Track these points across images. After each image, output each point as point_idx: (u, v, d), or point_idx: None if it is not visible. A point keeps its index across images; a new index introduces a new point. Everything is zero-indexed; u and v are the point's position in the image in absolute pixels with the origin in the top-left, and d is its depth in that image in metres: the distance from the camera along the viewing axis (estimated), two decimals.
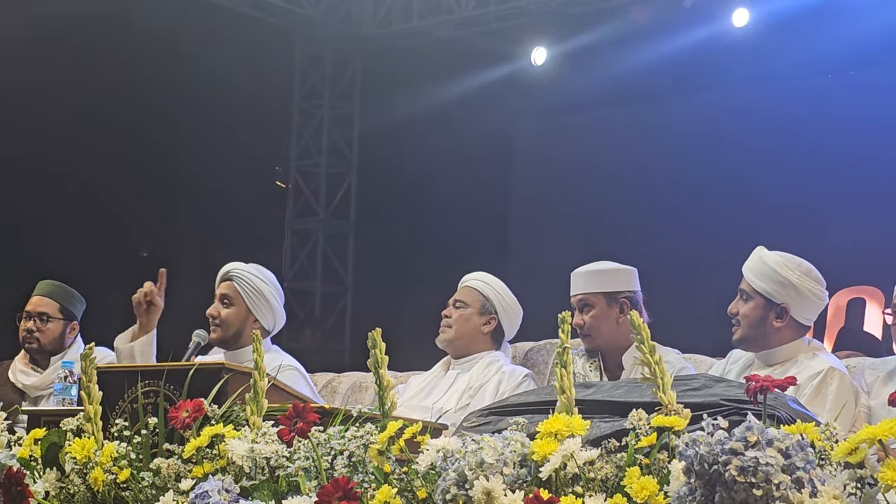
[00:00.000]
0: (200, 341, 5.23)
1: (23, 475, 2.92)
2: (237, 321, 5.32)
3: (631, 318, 2.62)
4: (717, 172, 9.91)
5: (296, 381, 5.11)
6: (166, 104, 10.97)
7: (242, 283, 5.35)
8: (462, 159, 11.33)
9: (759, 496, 2.14)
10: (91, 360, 3.13)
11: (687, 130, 10.12)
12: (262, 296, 5.34)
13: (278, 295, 5.41)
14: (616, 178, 10.41)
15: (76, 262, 9.74)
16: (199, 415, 2.95)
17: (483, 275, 5.38)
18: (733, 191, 9.84)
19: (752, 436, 2.18)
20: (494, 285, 5.31)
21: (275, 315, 5.38)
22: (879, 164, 9.23)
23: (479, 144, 11.39)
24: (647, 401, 2.68)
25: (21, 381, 5.79)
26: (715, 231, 9.57)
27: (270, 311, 5.36)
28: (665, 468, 2.41)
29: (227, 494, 2.65)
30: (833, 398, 4.22)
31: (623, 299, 4.99)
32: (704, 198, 9.91)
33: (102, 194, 10.88)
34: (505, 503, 2.43)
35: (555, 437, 2.51)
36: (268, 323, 5.36)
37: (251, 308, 5.33)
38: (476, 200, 11.57)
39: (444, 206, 11.58)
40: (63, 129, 10.54)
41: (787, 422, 2.58)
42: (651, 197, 10.26)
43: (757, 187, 9.79)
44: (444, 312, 5.31)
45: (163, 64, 10.61)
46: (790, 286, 4.49)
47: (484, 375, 5.11)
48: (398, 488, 2.62)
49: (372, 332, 2.86)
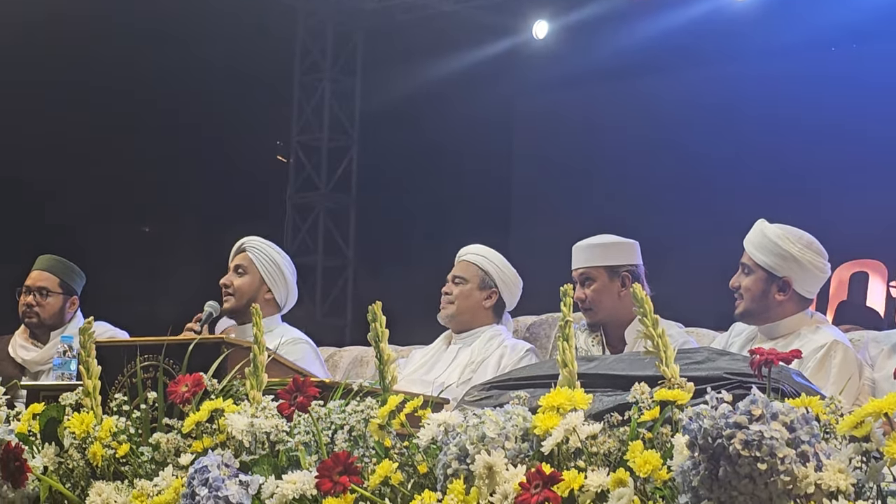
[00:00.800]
0: (213, 311, 5.22)
1: (21, 450, 2.90)
2: (250, 290, 5.30)
3: (634, 292, 2.60)
4: (720, 145, 9.88)
5: (307, 356, 5.10)
6: (167, 79, 10.93)
7: (257, 252, 5.34)
8: (463, 133, 11.30)
9: (763, 470, 2.12)
10: (90, 334, 3.11)
11: (689, 103, 10.08)
12: (277, 266, 5.33)
13: (291, 269, 5.40)
14: (618, 151, 10.38)
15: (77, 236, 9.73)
16: (199, 389, 2.93)
17: (480, 248, 5.34)
18: (736, 164, 9.81)
19: (756, 409, 2.16)
20: (493, 258, 5.28)
21: (288, 288, 5.36)
22: (884, 138, 9.19)
23: (480, 118, 11.36)
24: (649, 374, 2.66)
25: (21, 356, 5.78)
26: (717, 204, 9.54)
27: (284, 284, 5.34)
28: (668, 442, 2.39)
29: (226, 469, 2.63)
30: (837, 371, 4.20)
31: (625, 273, 4.96)
32: (707, 171, 9.88)
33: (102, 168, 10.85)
34: (507, 477, 2.42)
35: (557, 411, 2.49)
36: (280, 296, 5.34)
37: (265, 278, 5.32)
38: (477, 174, 11.54)
39: (446, 179, 11.55)
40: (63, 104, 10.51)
41: (792, 395, 2.56)
42: (653, 170, 10.23)
43: (760, 160, 9.76)
44: (444, 289, 5.28)
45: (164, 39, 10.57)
46: (791, 259, 4.47)
47: (486, 350, 5.09)
48: (399, 463, 2.60)
49: (372, 306, 2.84)
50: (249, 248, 5.36)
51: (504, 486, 2.40)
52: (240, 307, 5.28)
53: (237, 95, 11.34)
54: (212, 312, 5.20)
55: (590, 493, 2.35)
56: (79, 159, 10.77)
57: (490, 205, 11.58)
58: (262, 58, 11.63)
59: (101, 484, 2.87)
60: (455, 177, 11.51)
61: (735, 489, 2.14)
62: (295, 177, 12.70)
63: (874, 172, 9.19)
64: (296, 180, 12.69)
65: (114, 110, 10.83)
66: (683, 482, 2.22)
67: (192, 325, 5.21)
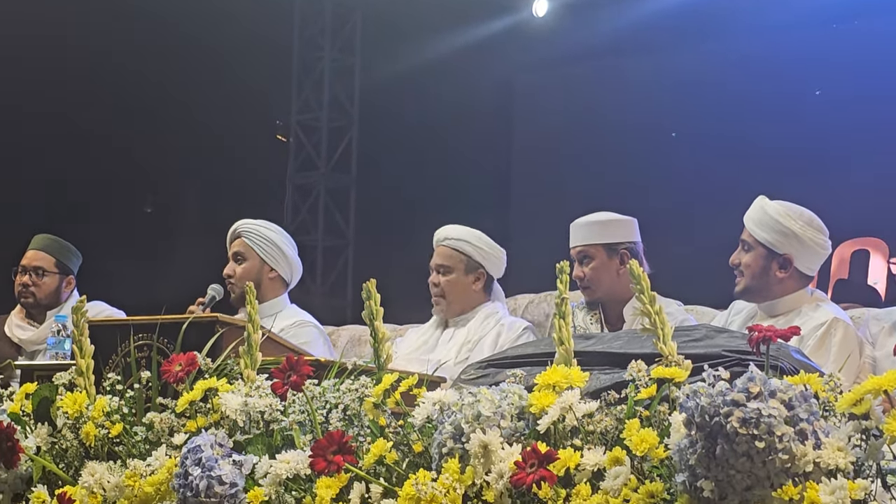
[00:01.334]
0: (216, 295, 5.19)
1: (13, 430, 2.88)
2: (253, 274, 5.26)
3: (630, 268, 2.57)
4: (720, 122, 9.83)
5: (314, 339, 5.08)
6: (166, 59, 10.89)
7: (252, 236, 5.32)
8: (463, 111, 11.26)
9: (761, 448, 2.10)
10: (83, 313, 3.08)
11: (689, 81, 10.03)
12: (274, 244, 5.30)
13: (290, 243, 5.38)
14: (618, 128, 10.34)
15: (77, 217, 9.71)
16: (193, 368, 2.91)
17: (455, 230, 5.26)
18: (736, 141, 9.76)
19: (754, 387, 2.14)
20: (471, 239, 5.21)
21: (290, 263, 5.34)
22: (884, 115, 9.15)
23: (480, 96, 11.32)
24: (647, 352, 2.64)
25: (17, 335, 5.76)
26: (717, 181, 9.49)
27: (285, 259, 5.32)
28: (665, 420, 2.36)
29: (219, 449, 2.61)
30: (837, 349, 4.17)
31: (623, 250, 4.92)
32: (707, 148, 9.84)
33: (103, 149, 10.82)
34: (502, 456, 2.40)
35: (553, 389, 2.47)
36: (285, 272, 5.32)
37: (265, 259, 5.30)
38: (477, 152, 11.50)
39: (446, 158, 11.51)
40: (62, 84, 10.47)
41: (791, 372, 2.54)
42: (653, 147, 10.19)
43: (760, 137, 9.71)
44: (431, 280, 5.22)
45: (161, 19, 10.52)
46: (792, 236, 4.43)
47: (482, 328, 5.06)
48: (394, 442, 2.58)
49: (366, 284, 2.82)
50: (243, 232, 5.34)
51: (499, 465, 2.38)
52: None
53: (236, 74, 11.29)
54: (215, 296, 5.18)
55: (586, 471, 2.33)
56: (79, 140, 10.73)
57: (490, 183, 11.55)
58: (261, 37, 11.58)
59: (93, 464, 2.85)
60: (455, 155, 11.46)
61: (732, 467, 2.12)
62: (295, 156, 12.66)
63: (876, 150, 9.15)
64: (295, 160, 12.65)
65: (113, 91, 10.79)
66: (680, 461, 2.20)
67: (193, 307, 5.19)
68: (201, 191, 11.68)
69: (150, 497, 2.69)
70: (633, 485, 2.26)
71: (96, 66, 10.63)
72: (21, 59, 10.11)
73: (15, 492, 2.97)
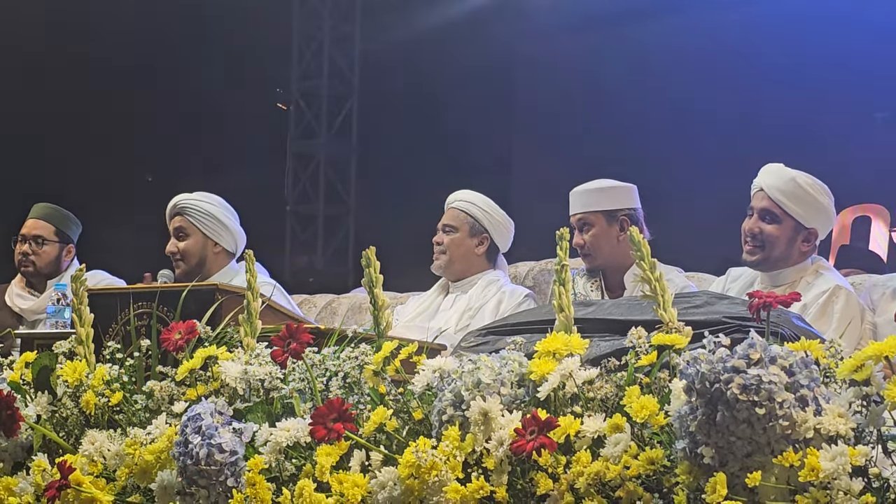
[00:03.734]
0: (167, 280, 5.19)
1: (13, 399, 2.88)
2: (197, 249, 5.26)
3: (630, 235, 2.56)
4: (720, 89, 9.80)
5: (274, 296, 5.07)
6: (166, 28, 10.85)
7: (191, 211, 5.28)
8: (464, 78, 11.23)
9: (761, 415, 2.09)
10: (82, 281, 3.08)
11: (691, 48, 10.00)
12: (215, 218, 5.27)
13: (231, 214, 5.34)
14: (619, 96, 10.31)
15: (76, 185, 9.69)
16: (192, 336, 2.90)
17: (467, 193, 5.29)
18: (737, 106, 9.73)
19: (754, 353, 2.13)
20: (481, 204, 5.23)
21: (233, 234, 5.31)
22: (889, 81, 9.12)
23: (481, 63, 11.28)
24: (647, 319, 2.63)
25: (18, 304, 5.75)
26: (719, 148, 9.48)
27: (227, 231, 5.29)
28: (665, 387, 2.36)
29: (219, 417, 2.60)
30: (839, 316, 4.15)
31: (623, 217, 4.90)
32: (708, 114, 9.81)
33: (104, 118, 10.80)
34: (502, 424, 2.39)
35: (553, 356, 2.46)
36: (229, 244, 5.30)
37: (208, 234, 5.27)
38: (478, 119, 11.47)
39: (446, 125, 11.48)
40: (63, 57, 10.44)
41: (791, 339, 2.53)
42: (654, 114, 10.16)
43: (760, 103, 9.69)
44: (435, 239, 5.24)
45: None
46: (824, 211, 4.38)
47: (483, 295, 5.06)
48: (394, 409, 2.58)
49: (366, 252, 2.81)
50: (182, 208, 5.31)
51: (500, 433, 2.38)
52: (192, 269, 5.24)
53: (236, 43, 11.26)
54: (166, 281, 5.18)
55: (586, 439, 2.32)
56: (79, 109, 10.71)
57: (490, 150, 11.52)
58: (261, 5, 11.54)
59: (93, 432, 2.85)
60: (456, 122, 11.43)
61: (733, 434, 2.12)
62: (295, 125, 12.63)
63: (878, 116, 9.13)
64: (296, 128, 12.62)
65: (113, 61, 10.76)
66: (681, 427, 2.19)
67: None
68: (202, 159, 11.65)
69: (151, 465, 2.69)
70: (633, 451, 2.25)
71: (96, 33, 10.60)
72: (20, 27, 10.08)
73: (15, 460, 2.97)
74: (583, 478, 2.27)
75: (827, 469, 2.06)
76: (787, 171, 4.41)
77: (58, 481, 2.69)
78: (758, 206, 4.44)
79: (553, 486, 2.31)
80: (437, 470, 2.38)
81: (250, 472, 2.54)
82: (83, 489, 2.70)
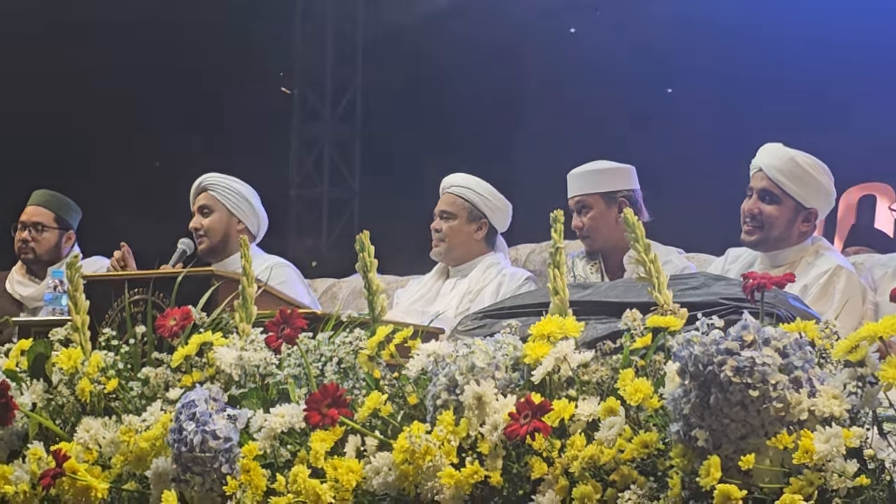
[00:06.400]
0: (186, 249, 5.18)
1: (7, 387, 2.87)
2: (221, 227, 5.26)
3: (625, 217, 2.55)
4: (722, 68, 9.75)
5: (290, 278, 5.07)
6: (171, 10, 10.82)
7: (219, 188, 5.29)
8: (467, 61, 11.18)
9: (755, 397, 2.08)
10: (77, 268, 3.06)
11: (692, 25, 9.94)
12: (243, 197, 5.28)
13: (257, 197, 5.34)
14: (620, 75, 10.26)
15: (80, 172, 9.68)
16: (188, 323, 2.89)
17: (462, 178, 5.25)
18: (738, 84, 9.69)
19: (748, 335, 2.12)
20: (477, 188, 5.19)
21: (258, 216, 5.31)
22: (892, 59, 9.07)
23: (484, 46, 11.23)
24: (643, 301, 2.62)
25: (18, 291, 5.74)
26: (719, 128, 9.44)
27: (253, 212, 5.30)
28: (661, 370, 2.35)
29: (214, 403, 2.59)
30: (840, 297, 4.12)
31: (621, 198, 4.87)
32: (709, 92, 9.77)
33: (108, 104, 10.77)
34: (496, 408, 2.38)
35: (547, 339, 2.45)
36: (252, 225, 5.30)
37: (233, 211, 5.27)
38: (481, 102, 11.42)
39: (451, 108, 11.44)
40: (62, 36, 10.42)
41: (787, 320, 2.51)
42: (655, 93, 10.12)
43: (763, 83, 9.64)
44: (433, 226, 5.21)
45: None
46: (823, 191, 4.37)
47: (484, 279, 5.04)
48: (388, 394, 2.57)
49: (359, 236, 2.80)
50: (210, 185, 5.31)
51: (494, 417, 2.37)
52: (215, 246, 5.25)
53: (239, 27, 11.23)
54: (185, 250, 5.17)
55: (580, 422, 2.32)
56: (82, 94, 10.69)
57: (493, 133, 11.49)
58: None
59: (89, 419, 2.84)
60: (459, 104, 11.39)
61: (727, 416, 2.11)
62: (299, 108, 12.60)
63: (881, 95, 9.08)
64: (300, 112, 12.59)
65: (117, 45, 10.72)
66: (674, 410, 2.18)
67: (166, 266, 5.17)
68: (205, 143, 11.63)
69: (146, 452, 2.69)
70: (627, 435, 2.24)
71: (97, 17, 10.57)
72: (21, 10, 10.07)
73: (11, 448, 2.96)
74: (577, 462, 2.26)
75: (821, 451, 2.05)
76: (787, 150, 4.39)
77: (53, 469, 2.69)
78: (757, 187, 4.41)
79: (547, 470, 2.30)
80: (431, 455, 2.37)
81: (245, 458, 2.54)
82: (78, 477, 2.69)
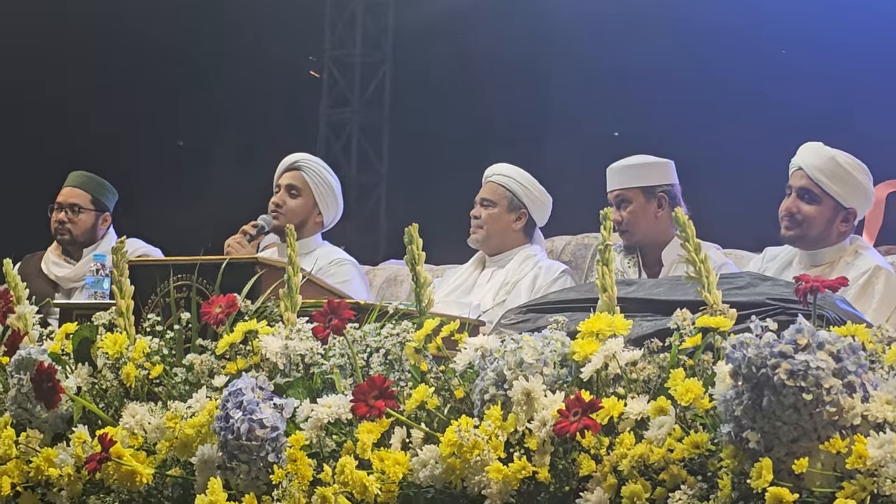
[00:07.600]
0: (265, 225, 5.13)
1: (54, 370, 2.88)
2: (303, 212, 5.20)
3: (675, 216, 2.55)
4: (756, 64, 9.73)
5: (352, 276, 5.05)
6: None
7: (313, 174, 5.22)
8: (499, 47, 11.17)
9: (808, 401, 2.08)
10: (122, 253, 3.08)
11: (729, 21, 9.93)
12: (332, 189, 5.24)
13: (340, 189, 5.31)
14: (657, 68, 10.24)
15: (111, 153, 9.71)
16: (233, 310, 2.90)
17: (506, 167, 5.26)
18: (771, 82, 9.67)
19: (802, 338, 2.12)
20: (519, 178, 5.19)
21: (337, 210, 5.28)
22: None
23: (516, 32, 11.22)
24: (690, 299, 2.61)
25: (54, 272, 5.75)
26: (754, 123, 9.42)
27: (335, 205, 5.26)
28: (709, 370, 2.35)
29: (260, 392, 2.60)
30: (880, 297, 4.12)
31: (661, 193, 4.87)
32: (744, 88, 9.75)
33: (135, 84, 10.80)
34: (545, 404, 2.39)
35: (596, 336, 2.45)
36: (329, 217, 5.26)
37: (318, 200, 5.22)
38: (513, 89, 11.43)
39: (480, 95, 11.44)
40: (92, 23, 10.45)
41: (836, 322, 2.51)
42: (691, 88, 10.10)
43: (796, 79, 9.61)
44: (472, 213, 5.21)
45: None
46: (862, 191, 4.36)
47: (520, 271, 5.04)
48: (435, 387, 2.57)
49: (409, 228, 2.79)
50: (305, 168, 5.23)
51: (542, 413, 2.37)
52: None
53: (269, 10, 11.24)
54: (264, 226, 5.13)
55: (629, 420, 2.32)
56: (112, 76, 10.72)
57: (525, 121, 11.47)
58: None
59: (134, 405, 2.85)
60: (490, 92, 11.39)
61: (779, 419, 2.11)
62: (328, 93, 12.61)
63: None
64: (329, 96, 12.60)
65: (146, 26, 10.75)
66: (726, 411, 2.18)
67: (247, 227, 5.12)
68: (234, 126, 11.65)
69: (191, 439, 2.69)
70: (677, 435, 2.24)
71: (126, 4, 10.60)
72: None
73: (56, 431, 2.98)
74: (626, 460, 2.27)
75: (874, 456, 2.05)
76: (827, 149, 4.37)
77: (99, 454, 2.70)
78: (796, 185, 4.40)
79: (596, 468, 2.30)
80: (479, 449, 2.37)
81: (291, 448, 2.54)
82: (124, 462, 2.70)
